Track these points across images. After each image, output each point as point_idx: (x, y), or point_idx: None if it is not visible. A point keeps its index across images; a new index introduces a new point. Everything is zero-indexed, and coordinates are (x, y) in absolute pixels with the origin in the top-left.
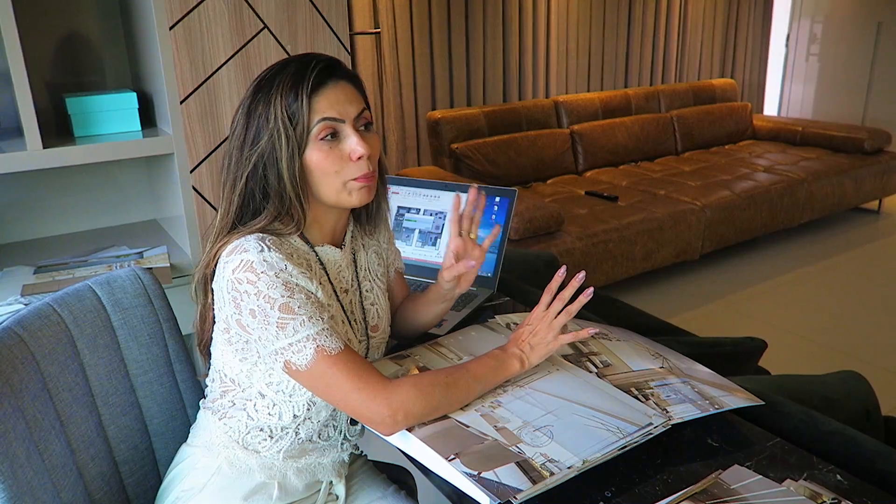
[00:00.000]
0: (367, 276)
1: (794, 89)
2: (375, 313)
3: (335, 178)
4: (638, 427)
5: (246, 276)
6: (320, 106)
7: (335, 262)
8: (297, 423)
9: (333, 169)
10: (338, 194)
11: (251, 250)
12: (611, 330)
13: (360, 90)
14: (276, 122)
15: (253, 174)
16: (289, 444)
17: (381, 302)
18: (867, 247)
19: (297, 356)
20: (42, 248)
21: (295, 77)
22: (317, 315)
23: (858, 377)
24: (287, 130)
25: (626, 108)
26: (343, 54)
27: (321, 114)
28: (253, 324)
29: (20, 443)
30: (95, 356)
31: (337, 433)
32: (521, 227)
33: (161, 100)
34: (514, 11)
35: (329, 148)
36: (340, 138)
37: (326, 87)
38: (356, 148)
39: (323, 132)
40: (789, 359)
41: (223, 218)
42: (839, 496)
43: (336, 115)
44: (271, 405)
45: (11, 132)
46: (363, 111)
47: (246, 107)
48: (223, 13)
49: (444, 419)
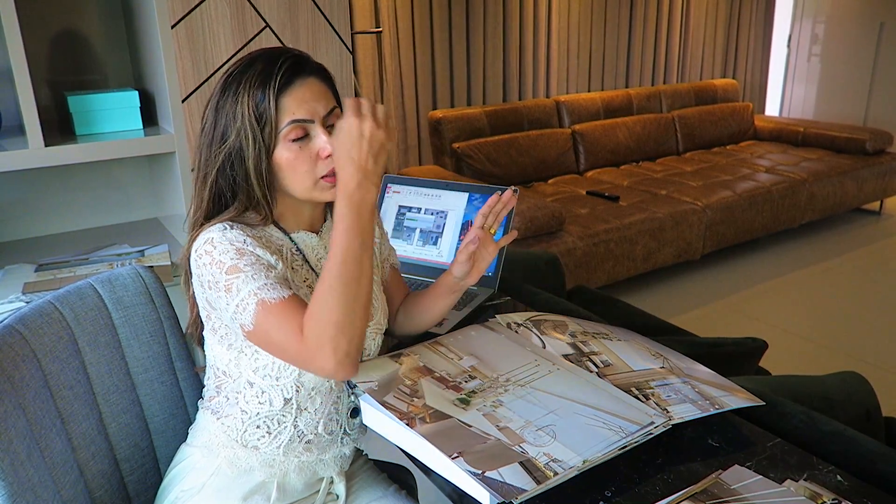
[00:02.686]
0: None
1: (796, 90)
2: None
3: (306, 176)
4: (640, 426)
5: (204, 249)
6: (289, 106)
7: (313, 248)
8: (293, 414)
9: (303, 168)
10: (309, 191)
11: (214, 230)
12: (611, 330)
13: (329, 85)
14: (244, 121)
15: (222, 171)
16: (288, 438)
17: (376, 293)
18: (868, 248)
19: (243, 315)
20: (43, 246)
21: (262, 75)
22: (261, 272)
23: (859, 378)
24: (255, 131)
25: (627, 108)
26: (344, 53)
27: (290, 115)
28: (212, 296)
29: (21, 440)
30: (96, 354)
31: (338, 427)
32: (523, 227)
33: (163, 98)
34: (516, 11)
35: (299, 148)
36: (311, 137)
37: (294, 86)
38: (325, 146)
39: (292, 134)
40: (790, 359)
41: (195, 213)
42: (839, 497)
43: (305, 116)
44: (260, 393)
45: (13, 130)
46: (333, 109)
47: (214, 103)
48: (225, 12)
49: (446, 419)
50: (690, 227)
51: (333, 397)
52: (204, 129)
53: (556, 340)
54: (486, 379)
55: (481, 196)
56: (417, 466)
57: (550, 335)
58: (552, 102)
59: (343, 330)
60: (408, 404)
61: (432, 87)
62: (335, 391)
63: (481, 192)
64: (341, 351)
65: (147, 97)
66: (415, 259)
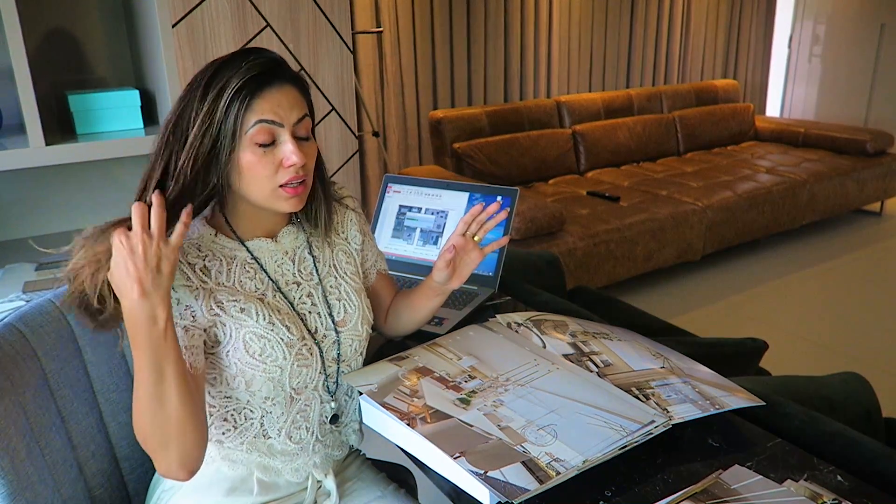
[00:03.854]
0: (333, 272)
1: (797, 90)
2: (342, 308)
3: (265, 182)
4: (641, 425)
5: None
6: (260, 107)
7: (271, 254)
8: (258, 413)
9: (264, 173)
10: (266, 198)
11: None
12: (612, 330)
13: (304, 94)
14: (212, 115)
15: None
16: (252, 435)
17: (352, 298)
18: (869, 249)
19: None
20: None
21: (236, 75)
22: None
23: (859, 378)
24: (221, 125)
25: (628, 109)
26: (345, 53)
27: (259, 115)
28: None
29: (21, 438)
30: (96, 353)
31: (308, 434)
32: (523, 227)
33: (163, 97)
34: (517, 11)
35: (263, 153)
36: (277, 143)
37: (269, 88)
38: (290, 156)
39: (259, 137)
40: (790, 360)
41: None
42: (839, 497)
43: (275, 119)
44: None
45: (14, 129)
46: (304, 118)
47: (187, 91)
48: (226, 11)
49: (447, 418)
50: (691, 227)
51: (299, 406)
52: (168, 119)
53: (556, 340)
54: (486, 379)
55: (482, 196)
56: (417, 465)
57: (551, 335)
58: (553, 103)
59: (164, 445)
60: (408, 404)
61: (433, 87)
62: (299, 401)
63: (482, 192)
64: (171, 461)
65: (148, 96)
66: (415, 259)
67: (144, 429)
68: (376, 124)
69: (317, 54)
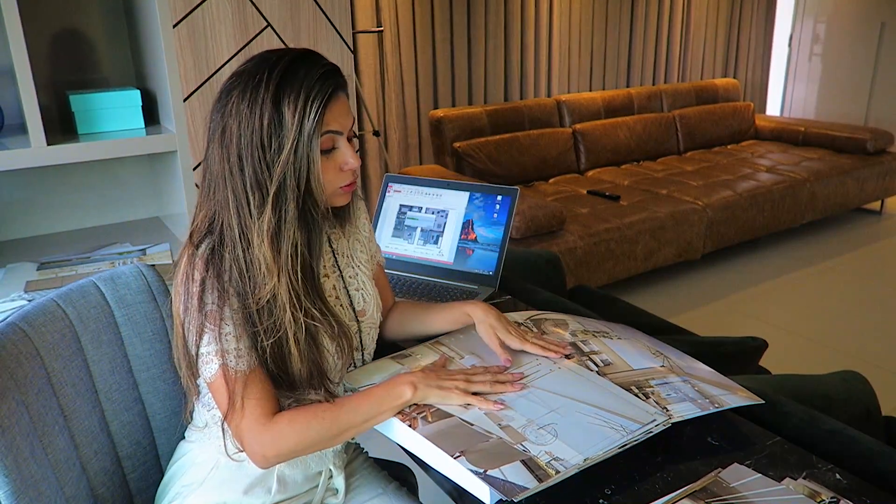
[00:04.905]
0: (350, 262)
1: (797, 89)
2: (361, 298)
3: (329, 185)
4: (641, 424)
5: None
6: (327, 118)
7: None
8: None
9: (328, 177)
10: (329, 198)
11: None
12: (612, 328)
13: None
14: (291, 127)
15: (286, 177)
16: None
17: (368, 288)
18: (869, 247)
19: (205, 367)
20: (45, 244)
21: (308, 85)
22: (233, 335)
23: (859, 377)
24: (300, 137)
25: (628, 108)
26: (346, 52)
27: (327, 126)
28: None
29: (24, 437)
30: (99, 352)
31: None
32: (523, 226)
33: (164, 97)
34: (517, 10)
35: (326, 158)
36: (337, 149)
37: (334, 99)
38: (350, 161)
39: (325, 145)
40: (790, 358)
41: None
42: (838, 495)
43: (339, 129)
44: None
45: (15, 129)
46: (353, 122)
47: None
48: (227, 11)
49: (448, 417)
50: (691, 226)
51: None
52: (226, 131)
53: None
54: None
55: (482, 195)
56: (417, 464)
57: (551, 334)
58: (553, 102)
59: (296, 453)
60: None
61: (433, 87)
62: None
63: (482, 191)
64: (278, 459)
65: (149, 96)
66: (416, 258)
67: (307, 439)
68: (377, 124)
69: None
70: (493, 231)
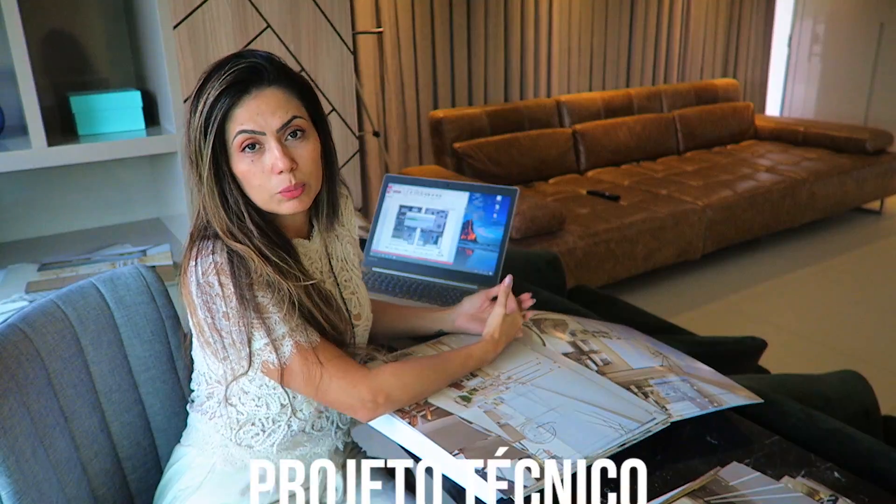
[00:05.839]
0: (344, 266)
1: (797, 89)
2: (357, 302)
3: (261, 189)
4: (640, 423)
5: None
6: (240, 117)
7: (304, 254)
8: (287, 416)
9: (257, 182)
10: (267, 204)
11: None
12: (611, 328)
13: (294, 93)
14: (197, 129)
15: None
16: (281, 437)
17: (361, 291)
18: (868, 247)
19: (272, 354)
20: (46, 245)
21: (221, 83)
22: (293, 313)
23: (858, 377)
24: (207, 139)
25: (628, 108)
26: (345, 53)
27: (239, 125)
28: (227, 326)
29: (25, 438)
30: (99, 353)
31: (329, 423)
32: (523, 227)
33: (165, 98)
34: (517, 11)
35: (251, 160)
36: (264, 150)
37: (245, 98)
38: (276, 163)
39: (242, 143)
40: (789, 358)
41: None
42: (837, 493)
43: (254, 128)
44: (257, 398)
45: (16, 130)
46: (292, 119)
47: (189, 104)
48: (227, 13)
49: (448, 416)
50: (691, 226)
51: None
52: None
53: (556, 339)
54: (488, 377)
55: (482, 196)
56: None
57: (551, 334)
58: (553, 102)
59: (404, 403)
60: None
61: (433, 87)
62: None
63: (482, 191)
64: (388, 403)
65: (149, 97)
66: (415, 258)
67: (423, 388)
68: (377, 124)
69: (317, 55)
70: (492, 231)
